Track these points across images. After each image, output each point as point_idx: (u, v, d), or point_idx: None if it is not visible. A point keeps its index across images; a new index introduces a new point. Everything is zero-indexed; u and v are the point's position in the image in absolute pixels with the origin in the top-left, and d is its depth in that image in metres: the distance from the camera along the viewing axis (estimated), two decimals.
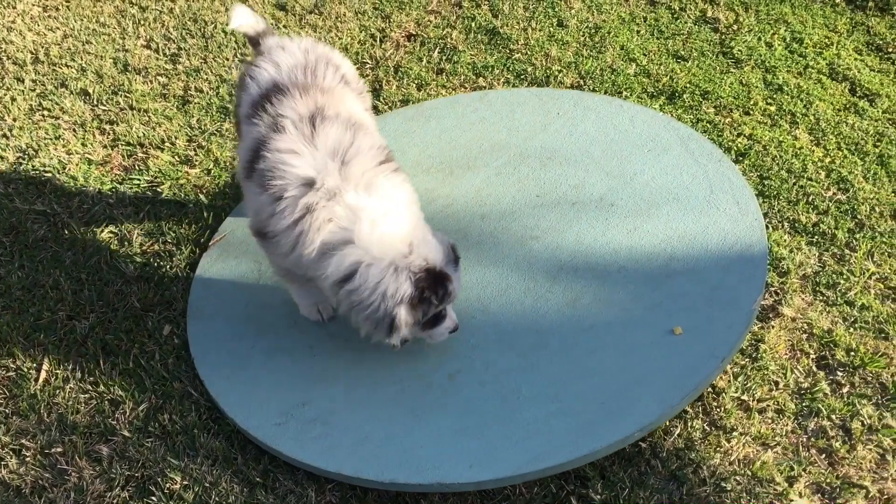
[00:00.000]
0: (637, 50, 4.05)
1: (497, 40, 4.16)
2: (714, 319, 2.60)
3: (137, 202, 3.40)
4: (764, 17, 4.23)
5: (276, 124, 2.41)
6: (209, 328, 2.85)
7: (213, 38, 4.23)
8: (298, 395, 2.59)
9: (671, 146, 3.24)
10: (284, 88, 2.51)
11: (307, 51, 2.68)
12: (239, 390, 2.64)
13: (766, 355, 2.68)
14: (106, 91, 3.94)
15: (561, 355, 2.59)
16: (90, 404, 2.70)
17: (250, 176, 2.42)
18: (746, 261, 2.77)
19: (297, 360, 2.70)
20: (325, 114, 2.43)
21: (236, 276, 3.03)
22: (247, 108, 2.57)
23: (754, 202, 2.98)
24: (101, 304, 3.00)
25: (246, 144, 2.51)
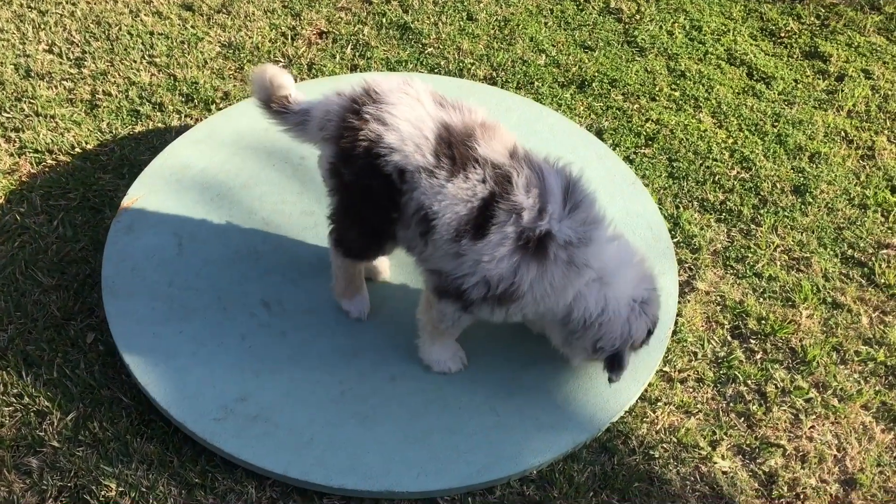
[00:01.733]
0: (546, 41, 4.16)
1: (409, 35, 4.20)
2: None
3: (50, 210, 3.32)
4: (664, 6, 4.39)
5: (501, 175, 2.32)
6: (128, 308, 2.77)
7: (118, 40, 4.15)
8: (236, 389, 2.58)
9: (589, 162, 3.32)
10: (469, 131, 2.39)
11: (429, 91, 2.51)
12: (168, 380, 2.60)
13: (684, 328, 2.81)
14: (9, 98, 3.82)
15: (496, 369, 2.67)
16: (15, 417, 2.64)
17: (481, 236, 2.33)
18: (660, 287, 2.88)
19: (229, 350, 2.68)
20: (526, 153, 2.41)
21: (153, 248, 2.95)
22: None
23: (665, 230, 3.11)
24: (18, 314, 2.92)
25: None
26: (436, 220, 2.34)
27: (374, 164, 2.37)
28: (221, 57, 4.07)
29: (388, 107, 2.38)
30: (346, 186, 2.51)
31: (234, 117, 3.46)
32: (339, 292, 2.79)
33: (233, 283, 2.86)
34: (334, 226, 2.65)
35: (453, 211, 2.31)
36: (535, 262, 2.29)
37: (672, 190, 3.35)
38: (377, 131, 2.37)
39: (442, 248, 2.38)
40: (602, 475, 2.48)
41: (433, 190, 2.32)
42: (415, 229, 2.42)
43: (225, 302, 2.80)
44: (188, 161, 3.26)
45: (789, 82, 3.91)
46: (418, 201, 2.36)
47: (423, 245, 2.43)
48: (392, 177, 2.37)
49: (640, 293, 2.43)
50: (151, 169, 3.20)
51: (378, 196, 2.43)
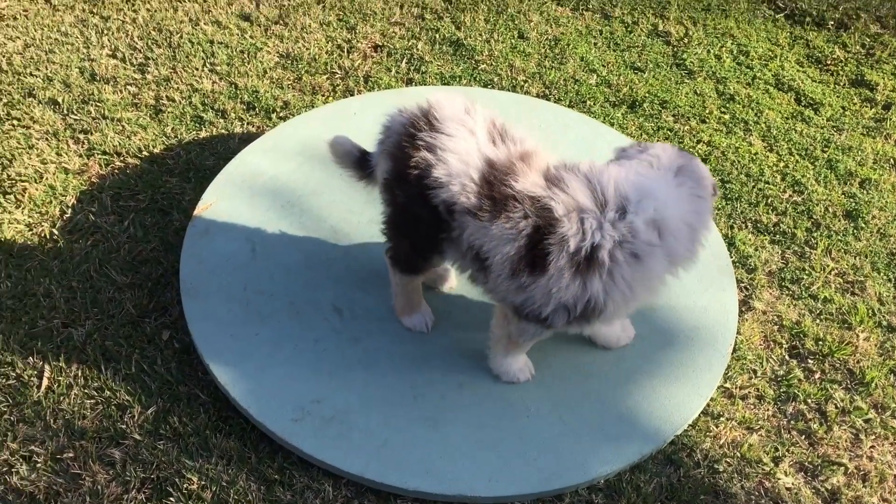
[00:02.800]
0: (596, 61, 4.25)
1: (462, 51, 4.29)
2: (696, 358, 2.82)
3: (120, 211, 3.41)
4: (711, 31, 4.48)
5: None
6: (207, 310, 2.86)
7: (179, 47, 4.25)
8: (312, 391, 2.66)
9: None
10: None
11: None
12: (248, 381, 2.67)
13: (743, 346, 2.88)
14: (76, 100, 3.92)
15: (562, 378, 2.74)
16: (97, 409, 2.72)
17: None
18: (721, 304, 2.98)
19: (303, 354, 2.76)
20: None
21: (229, 253, 3.05)
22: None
23: (724, 247, 3.18)
24: (95, 311, 3.01)
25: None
26: (488, 259, 2.38)
27: (424, 195, 2.41)
28: (280, 67, 4.17)
29: (441, 137, 2.39)
30: (397, 205, 2.58)
31: (300, 127, 3.55)
32: (399, 309, 2.88)
33: (305, 288, 2.95)
34: (388, 239, 2.72)
35: (502, 252, 2.33)
36: (596, 274, 2.31)
37: (726, 210, 3.43)
38: (427, 161, 2.39)
39: (503, 284, 2.42)
40: (668, 487, 2.55)
41: (479, 231, 2.35)
42: (472, 264, 2.48)
43: (298, 307, 2.88)
44: (258, 169, 3.35)
45: (837, 109, 3.99)
46: (469, 241, 2.39)
47: (485, 279, 2.48)
48: (440, 209, 2.42)
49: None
50: (223, 176, 3.30)
51: (427, 224, 2.48)
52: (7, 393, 2.76)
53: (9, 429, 2.65)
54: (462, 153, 2.37)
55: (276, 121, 3.84)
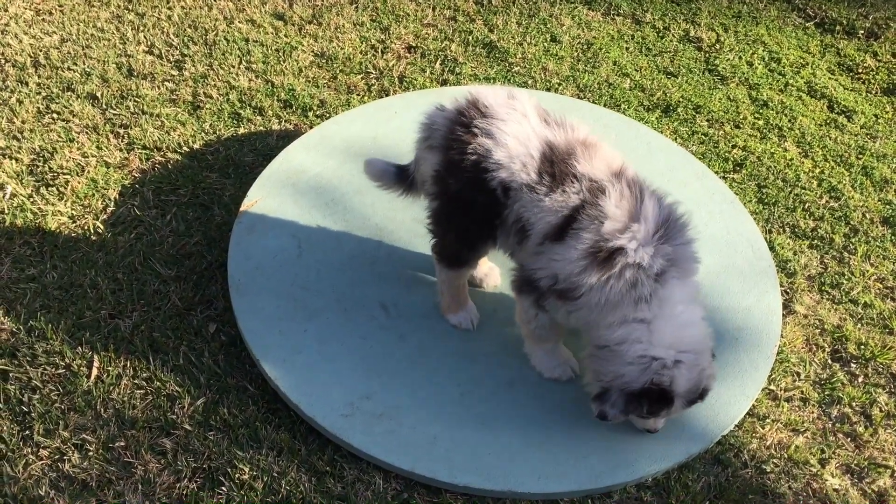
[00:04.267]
0: (629, 65, 4.27)
1: (496, 54, 4.32)
2: (741, 360, 2.83)
3: (161, 205, 3.44)
4: (742, 37, 4.51)
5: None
6: (255, 305, 2.89)
7: (215, 45, 4.27)
8: (360, 387, 2.68)
9: (688, 181, 3.44)
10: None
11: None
12: (297, 376, 2.70)
13: (786, 349, 2.90)
14: (114, 96, 3.95)
15: None
16: (146, 400, 2.74)
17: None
18: (765, 305, 2.99)
19: (351, 350, 2.78)
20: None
21: (275, 249, 3.07)
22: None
23: (766, 248, 3.20)
24: (141, 302, 3.03)
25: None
26: (531, 229, 2.45)
27: (480, 179, 2.47)
28: (315, 66, 4.19)
29: (496, 122, 2.45)
30: (449, 195, 2.61)
31: (343, 124, 3.58)
32: (445, 307, 2.90)
33: (351, 285, 2.97)
34: (434, 233, 2.75)
35: (545, 221, 2.40)
36: (600, 270, 2.35)
37: (763, 215, 3.45)
38: (486, 146, 2.44)
39: (529, 249, 2.50)
40: (717, 486, 2.57)
41: (532, 203, 2.42)
42: (513, 238, 2.54)
43: (345, 303, 2.90)
44: (302, 166, 3.38)
45: (870, 117, 4.01)
46: (517, 213, 2.47)
47: (518, 248, 2.55)
48: (497, 192, 2.47)
49: (671, 357, 2.36)
50: (268, 172, 3.32)
51: (481, 208, 2.53)
52: (57, 382, 2.78)
53: (60, 417, 2.67)
54: (520, 136, 2.43)
55: (314, 119, 3.87)
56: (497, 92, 2.56)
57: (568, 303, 2.42)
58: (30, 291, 3.05)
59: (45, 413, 2.67)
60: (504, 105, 2.51)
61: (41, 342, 2.88)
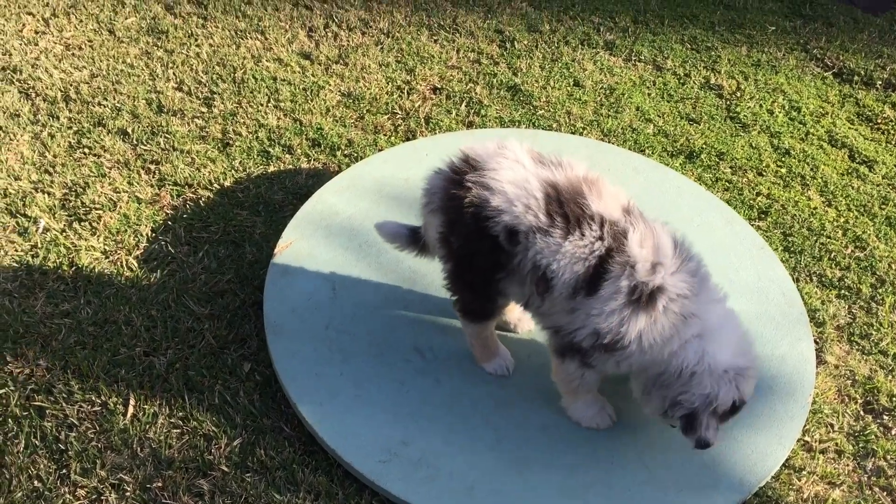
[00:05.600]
0: (651, 111, 4.33)
1: (520, 97, 4.37)
2: (777, 409, 2.84)
3: (193, 241, 3.46)
4: (762, 85, 4.57)
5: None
6: (291, 348, 2.90)
7: (244, 83, 4.32)
8: (398, 432, 2.68)
9: (717, 226, 3.47)
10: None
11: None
12: (335, 420, 2.70)
13: (819, 399, 2.92)
14: (145, 131, 3.99)
15: (645, 426, 2.76)
16: (183, 439, 2.74)
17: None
18: (798, 353, 3.01)
19: (388, 395, 2.79)
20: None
21: (310, 292, 3.10)
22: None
23: (798, 296, 3.22)
24: (176, 340, 3.04)
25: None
26: (555, 278, 2.43)
27: (481, 229, 2.44)
28: (342, 105, 4.24)
29: (489, 172, 2.45)
30: (455, 254, 2.63)
31: (375, 165, 3.61)
32: (478, 357, 2.91)
33: (385, 328, 2.98)
34: (451, 291, 2.77)
35: (572, 270, 2.38)
36: (645, 314, 2.37)
37: (790, 264, 3.48)
38: (482, 196, 2.43)
39: (559, 304, 2.48)
40: None
41: (550, 249, 2.38)
42: (531, 287, 2.51)
43: (380, 347, 2.92)
44: (335, 208, 3.41)
45: (891, 167, 4.06)
46: (535, 261, 2.41)
47: (541, 301, 2.52)
48: (499, 238, 2.47)
49: (737, 363, 2.42)
50: (302, 214, 3.35)
51: (487, 260, 2.53)
52: (94, 420, 2.78)
53: (97, 456, 2.67)
54: (516, 180, 2.42)
55: (342, 158, 3.91)
56: (486, 145, 2.57)
57: (617, 353, 2.42)
58: (64, 327, 3.06)
59: (81, 451, 2.67)
60: (494, 155, 2.50)
61: (77, 379, 2.89)
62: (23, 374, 2.89)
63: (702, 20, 5.03)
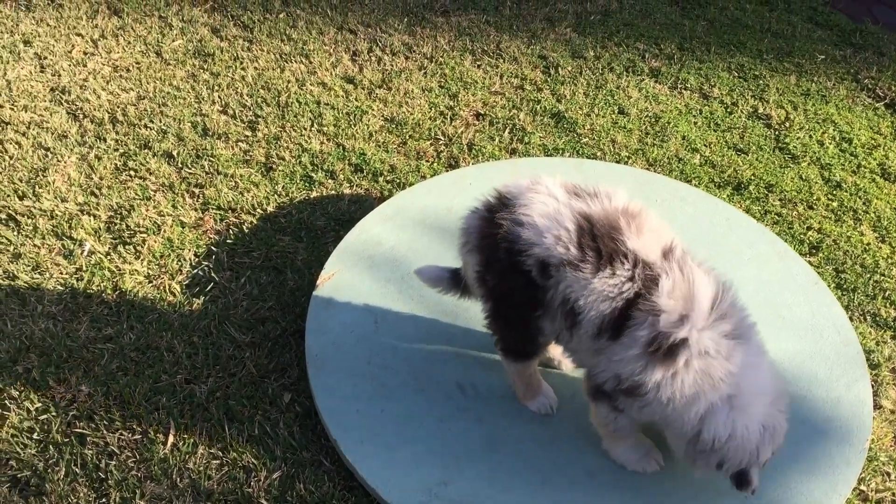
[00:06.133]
0: (698, 140, 4.26)
1: (563, 124, 4.33)
2: (832, 454, 2.74)
3: (235, 267, 3.46)
4: (812, 115, 4.48)
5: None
6: (333, 384, 2.87)
7: (288, 107, 4.33)
8: (438, 472, 2.64)
9: (769, 259, 3.39)
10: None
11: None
12: (375, 459, 2.66)
13: (875, 446, 2.82)
14: (190, 154, 4.00)
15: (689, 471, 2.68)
16: (222, 471, 2.72)
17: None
18: (854, 395, 2.91)
19: (430, 432, 2.75)
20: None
21: (351, 324, 3.06)
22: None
23: (853, 334, 3.12)
24: (217, 368, 3.03)
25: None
26: (582, 314, 2.32)
27: (514, 264, 2.38)
28: (385, 130, 4.23)
29: (520, 208, 2.39)
30: (492, 292, 2.58)
31: (419, 195, 3.59)
32: (520, 395, 2.85)
33: (427, 363, 2.94)
34: (492, 331, 2.71)
35: (598, 308, 2.28)
36: (662, 366, 2.28)
37: (842, 302, 3.39)
38: (513, 231, 2.37)
39: (585, 342, 2.41)
40: None
41: (579, 284, 2.29)
42: (561, 322, 2.41)
43: (422, 383, 2.88)
44: (378, 238, 3.38)
45: None
46: (564, 294, 2.33)
47: (569, 337, 2.45)
48: (532, 273, 2.37)
49: (772, 419, 2.35)
50: (345, 244, 3.33)
51: (523, 296, 2.46)
52: (134, 448, 2.78)
53: (136, 486, 2.66)
54: (547, 213, 2.35)
55: (384, 184, 3.89)
56: (520, 181, 2.52)
57: (637, 399, 2.37)
58: (107, 352, 3.07)
59: (122, 480, 2.67)
60: (526, 191, 2.44)
61: (118, 406, 2.89)
62: (65, 399, 2.89)
63: (749, 48, 4.96)
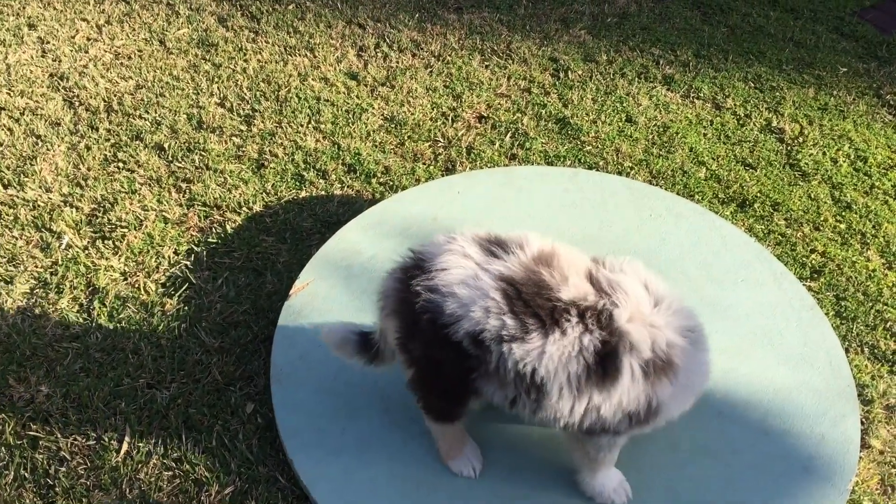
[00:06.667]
0: (706, 153, 4.11)
1: (568, 130, 4.20)
2: (812, 493, 2.61)
3: (214, 267, 3.38)
4: (828, 131, 4.30)
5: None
6: (295, 399, 2.77)
7: (286, 102, 4.25)
8: (396, 499, 2.52)
9: (765, 281, 3.24)
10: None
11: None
12: (332, 482, 2.57)
13: (859, 489, 2.67)
14: (181, 147, 3.93)
15: (661, 500, 2.58)
16: (174, 483, 2.65)
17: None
18: (840, 433, 2.77)
19: (390, 455, 2.65)
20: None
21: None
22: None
23: (846, 365, 2.98)
24: (181, 373, 2.96)
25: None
26: (548, 383, 2.14)
27: (442, 336, 2.18)
28: (384, 130, 4.13)
29: (437, 273, 2.19)
30: (417, 361, 2.38)
31: (405, 203, 3.48)
32: (443, 454, 2.64)
33: (395, 383, 2.82)
34: (417, 397, 2.52)
35: (566, 370, 2.12)
36: (666, 377, 2.18)
37: (840, 331, 3.24)
38: (434, 302, 2.17)
39: (566, 405, 2.21)
40: None
41: (531, 355, 2.12)
42: (516, 389, 2.21)
43: (388, 403, 2.77)
44: (358, 247, 3.28)
45: None
46: (515, 367, 2.15)
47: (537, 405, 2.24)
48: (463, 344, 2.17)
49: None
50: (323, 252, 3.23)
51: (454, 366, 2.27)
52: (86, 455, 2.71)
53: (84, 494, 2.60)
54: (466, 279, 2.16)
55: (376, 186, 3.80)
56: (435, 240, 2.34)
57: (654, 420, 2.26)
58: (72, 351, 3.01)
59: (69, 488, 2.61)
60: (441, 250, 2.25)
61: (75, 409, 2.83)
62: (23, 399, 2.84)
63: (769, 57, 4.78)
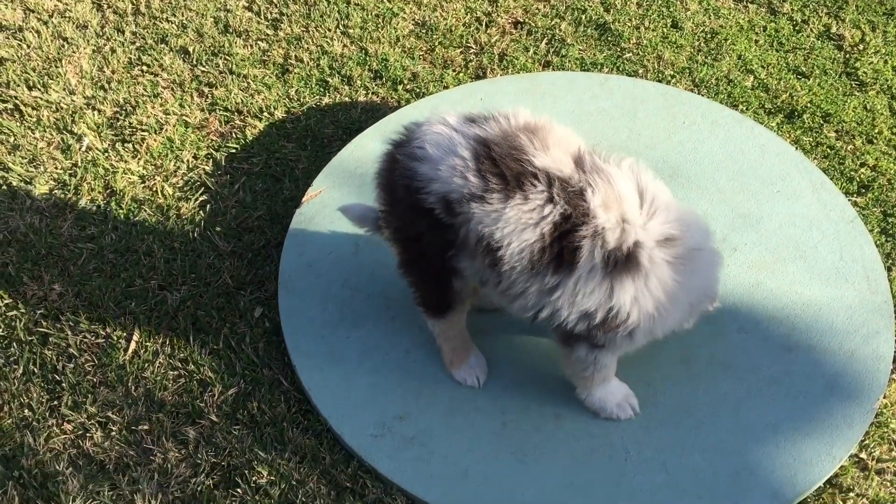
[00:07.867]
0: (755, 61, 3.86)
1: (608, 36, 3.99)
2: (833, 412, 2.48)
3: (232, 172, 3.33)
4: (892, 38, 4.00)
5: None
6: (301, 306, 2.74)
7: (315, 5, 4.11)
8: (396, 406, 2.51)
9: (802, 192, 3.05)
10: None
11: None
12: (333, 387, 2.56)
13: (886, 412, 2.53)
14: (206, 51, 3.85)
15: (672, 420, 2.47)
16: (178, 382, 2.65)
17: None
18: (872, 350, 2.61)
19: (393, 364, 2.61)
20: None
21: (331, 246, 2.90)
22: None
23: (885, 281, 2.80)
24: (192, 276, 2.94)
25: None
26: (502, 249, 2.05)
27: (415, 202, 2.14)
28: (414, 35, 3.98)
29: (416, 141, 2.16)
30: (399, 236, 2.33)
31: (425, 110, 3.35)
32: (446, 362, 2.60)
33: (404, 291, 2.74)
34: (409, 285, 2.45)
35: (520, 239, 2.03)
36: (630, 278, 2.04)
37: (885, 248, 3.05)
38: (410, 167, 2.14)
39: (518, 280, 2.12)
40: None
41: (490, 217, 2.04)
42: (482, 260, 2.14)
43: (394, 311, 2.71)
44: (373, 155, 3.13)
45: None
46: (477, 231, 2.08)
47: (497, 277, 2.14)
48: (436, 212, 2.13)
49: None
50: (338, 160, 3.15)
51: (431, 237, 2.21)
52: (94, 352, 2.72)
53: (90, 390, 2.62)
54: (440, 142, 2.10)
55: (402, 93, 3.67)
56: (429, 117, 2.26)
57: (620, 329, 2.12)
58: (86, 251, 3.01)
59: (76, 384, 2.62)
60: (424, 123, 2.21)
61: (86, 308, 2.83)
62: (36, 297, 2.85)
63: None
